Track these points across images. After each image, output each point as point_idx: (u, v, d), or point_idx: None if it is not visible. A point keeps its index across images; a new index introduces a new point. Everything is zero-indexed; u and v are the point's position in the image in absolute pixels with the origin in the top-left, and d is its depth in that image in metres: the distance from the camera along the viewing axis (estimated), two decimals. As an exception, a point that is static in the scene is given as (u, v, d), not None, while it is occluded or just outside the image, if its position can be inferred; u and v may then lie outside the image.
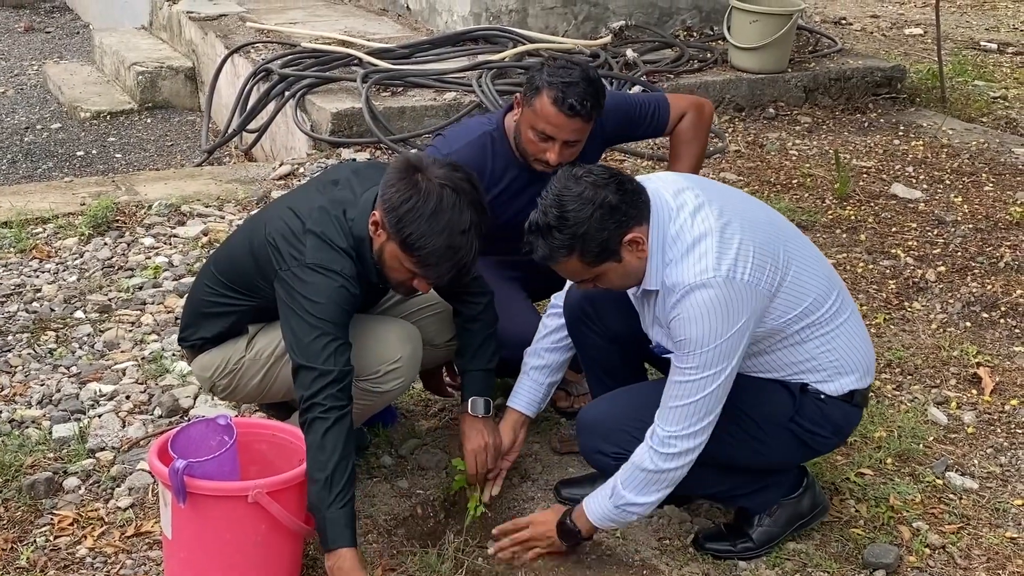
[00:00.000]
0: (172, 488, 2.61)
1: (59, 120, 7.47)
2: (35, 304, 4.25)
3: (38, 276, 4.47)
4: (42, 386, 3.71)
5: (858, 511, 3.21)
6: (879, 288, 4.62)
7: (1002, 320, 4.41)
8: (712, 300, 2.62)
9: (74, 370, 3.82)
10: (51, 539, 3.00)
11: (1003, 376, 3.99)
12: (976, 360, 4.07)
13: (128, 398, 3.65)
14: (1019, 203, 5.54)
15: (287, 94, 6.07)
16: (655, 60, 6.77)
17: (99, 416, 3.53)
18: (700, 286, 2.62)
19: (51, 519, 3.07)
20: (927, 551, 3.08)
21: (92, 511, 3.10)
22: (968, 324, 4.36)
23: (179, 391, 3.65)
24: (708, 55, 6.94)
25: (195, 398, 3.61)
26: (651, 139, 5.22)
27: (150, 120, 7.43)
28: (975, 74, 8.04)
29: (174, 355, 3.84)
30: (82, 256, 4.65)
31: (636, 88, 6.26)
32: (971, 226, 5.26)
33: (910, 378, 3.95)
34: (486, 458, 3.09)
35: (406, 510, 3.14)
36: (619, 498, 2.79)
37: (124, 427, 3.49)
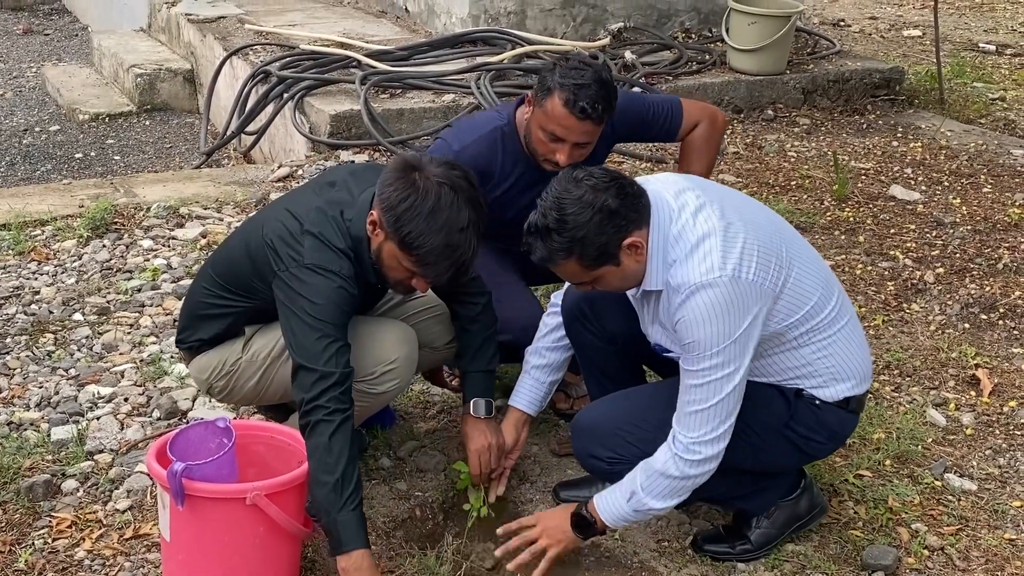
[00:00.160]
0: (170, 491, 2.61)
1: (58, 122, 7.47)
2: (33, 306, 4.25)
3: (36, 278, 4.47)
4: (40, 388, 3.71)
5: (857, 513, 3.21)
6: (878, 290, 4.62)
7: (1001, 321, 4.41)
8: (718, 300, 2.61)
9: (72, 372, 3.82)
10: (49, 541, 3.00)
11: (1002, 377, 3.99)
12: (975, 361, 4.07)
13: (127, 400, 3.65)
14: (1017, 204, 5.54)
15: (286, 96, 6.07)
16: (654, 62, 6.77)
17: (97, 418, 3.53)
18: (706, 285, 2.61)
19: (49, 521, 3.07)
20: (926, 553, 3.08)
21: (90, 513, 3.10)
22: (967, 325, 4.36)
23: (177, 393, 3.65)
24: (707, 57, 6.93)
25: (193, 400, 3.61)
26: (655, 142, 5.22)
27: (149, 122, 7.43)
28: (973, 76, 8.04)
29: (173, 357, 3.83)
30: (80, 258, 4.64)
31: (635, 91, 6.26)
32: (970, 228, 5.26)
33: (909, 380, 3.96)
34: (490, 458, 3.09)
35: (405, 512, 3.14)
36: (640, 503, 2.78)
37: (122, 429, 3.49)
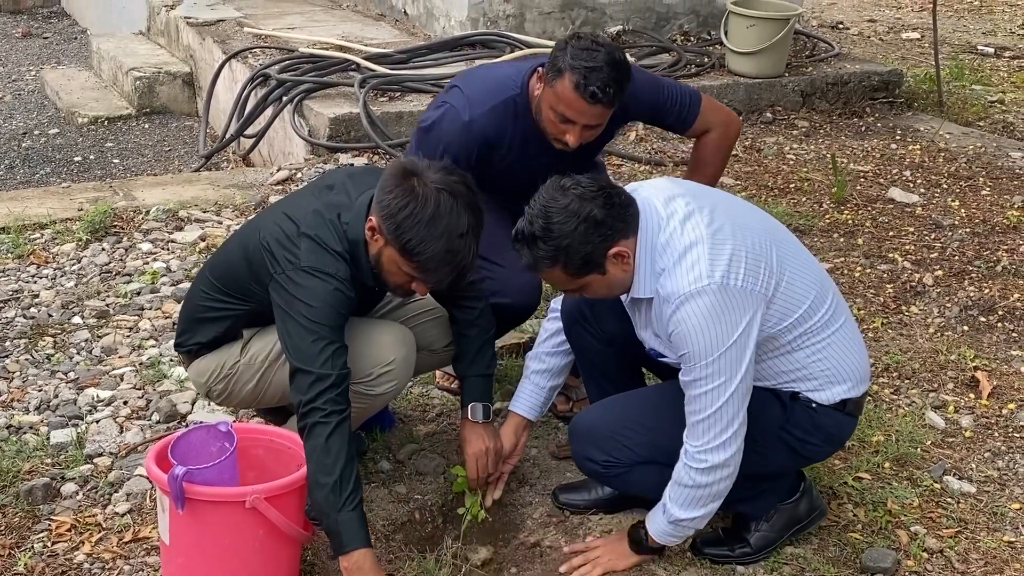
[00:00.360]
0: (171, 495, 2.61)
1: (57, 125, 7.47)
2: (33, 310, 4.25)
3: (36, 282, 4.47)
4: (40, 392, 3.71)
5: (856, 515, 3.21)
6: (876, 292, 4.62)
7: (999, 324, 4.41)
8: (709, 308, 2.61)
9: (72, 376, 3.82)
10: (49, 545, 3.00)
11: (1001, 380, 3.99)
12: (974, 364, 4.07)
13: (126, 404, 3.65)
14: (1016, 207, 5.55)
15: (285, 99, 6.07)
16: (652, 65, 6.77)
17: (97, 422, 3.53)
18: (695, 294, 2.61)
19: (49, 525, 3.07)
20: (925, 555, 3.08)
21: (90, 517, 3.11)
22: (965, 328, 4.36)
23: (177, 396, 3.65)
24: (705, 60, 6.94)
25: (193, 404, 3.61)
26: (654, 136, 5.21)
27: (148, 125, 7.43)
28: (972, 78, 8.05)
29: (172, 360, 3.84)
30: (80, 262, 4.64)
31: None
32: (968, 230, 5.26)
33: (908, 382, 3.96)
34: (487, 463, 3.09)
35: (404, 515, 3.14)
36: (670, 515, 2.81)
37: (122, 433, 3.49)
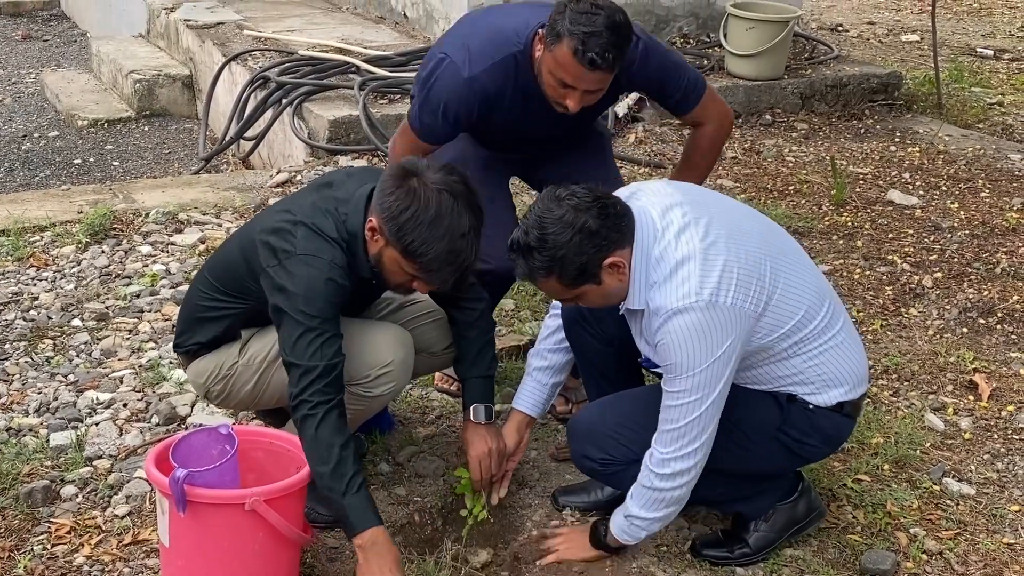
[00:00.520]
0: (172, 497, 2.61)
1: (56, 128, 7.47)
2: (32, 312, 4.25)
3: (35, 284, 4.47)
4: (39, 394, 3.71)
5: (855, 517, 3.21)
6: (876, 294, 4.62)
7: (999, 326, 4.41)
8: (695, 325, 2.62)
9: (71, 378, 3.82)
10: (48, 547, 3.00)
11: (1000, 382, 3.99)
12: (973, 366, 4.08)
13: (125, 406, 3.65)
14: (1015, 209, 5.55)
15: (284, 102, 6.07)
16: (652, 67, 6.77)
17: (96, 424, 3.53)
18: (683, 310, 2.62)
19: (48, 527, 3.07)
20: (924, 557, 3.08)
21: (89, 519, 3.10)
22: (965, 330, 4.37)
23: (176, 399, 3.65)
24: (705, 62, 6.94)
25: (192, 406, 3.61)
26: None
27: (147, 128, 7.43)
28: (971, 80, 8.05)
29: (171, 363, 3.84)
30: (79, 264, 4.64)
31: (634, 94, 6.27)
32: (967, 232, 5.26)
33: (907, 384, 3.96)
34: (491, 464, 3.09)
35: (403, 517, 3.14)
36: (627, 510, 2.84)
37: (121, 435, 3.49)
